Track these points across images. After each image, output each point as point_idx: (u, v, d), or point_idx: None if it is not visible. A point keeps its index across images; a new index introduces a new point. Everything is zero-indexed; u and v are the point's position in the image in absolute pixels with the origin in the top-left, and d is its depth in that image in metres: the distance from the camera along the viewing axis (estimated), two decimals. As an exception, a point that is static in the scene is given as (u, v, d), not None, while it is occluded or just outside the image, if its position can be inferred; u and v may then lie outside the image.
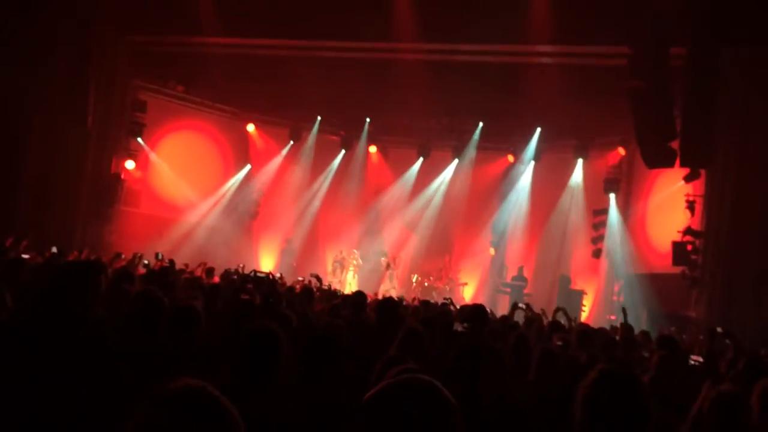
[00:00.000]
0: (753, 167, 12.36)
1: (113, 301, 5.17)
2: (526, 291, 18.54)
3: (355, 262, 20.87)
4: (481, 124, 20.41)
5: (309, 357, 3.72)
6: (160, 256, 12.28)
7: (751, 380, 4.02)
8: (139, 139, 19.22)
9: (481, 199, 20.94)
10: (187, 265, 13.16)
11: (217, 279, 11.99)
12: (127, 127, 18.88)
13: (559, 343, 6.65)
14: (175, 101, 20.35)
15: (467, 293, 19.94)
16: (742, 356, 5.66)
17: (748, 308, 11.89)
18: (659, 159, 13.74)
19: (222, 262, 16.36)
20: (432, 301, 12.55)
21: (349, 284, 19.72)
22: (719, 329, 5.84)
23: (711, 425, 3.24)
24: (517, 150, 20.58)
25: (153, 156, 19.90)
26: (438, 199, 21.56)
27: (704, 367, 5.60)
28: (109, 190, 18.15)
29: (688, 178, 13.81)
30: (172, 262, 11.82)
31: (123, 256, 12.85)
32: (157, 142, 20.08)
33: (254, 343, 3.12)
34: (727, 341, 6.40)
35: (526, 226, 20.37)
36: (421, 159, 21.71)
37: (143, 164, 19.61)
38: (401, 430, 1.54)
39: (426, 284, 19.96)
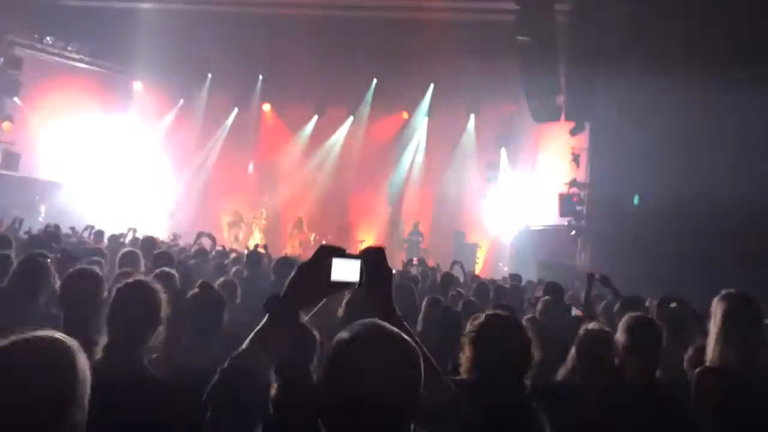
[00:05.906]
0: (630, 119, 12.94)
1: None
2: (422, 246, 18.88)
3: (263, 222, 20.53)
4: (375, 81, 20.39)
5: None
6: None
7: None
8: (16, 99, 18.10)
9: (377, 156, 21.02)
10: (72, 229, 12.64)
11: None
12: (1, 86, 17.71)
13: (453, 293, 6.91)
14: (54, 58, 19.21)
15: (365, 250, 20.02)
16: (618, 299, 6.00)
17: (626, 255, 12.56)
18: (546, 114, 14.20)
19: (110, 226, 15.79)
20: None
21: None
22: (596, 275, 6.16)
23: (580, 362, 3.43)
24: (411, 107, 20.73)
25: (32, 116, 18.80)
26: (334, 157, 21.50)
27: (582, 311, 5.91)
28: (-15, 153, 17.14)
29: (573, 132, 14.32)
30: (57, 227, 11.35)
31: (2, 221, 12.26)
32: (36, 101, 18.96)
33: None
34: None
35: (421, 182, 20.68)
36: (316, 117, 21.52)
37: (21, 125, 18.50)
38: (363, 380, 1.40)
39: (324, 243, 19.88)
